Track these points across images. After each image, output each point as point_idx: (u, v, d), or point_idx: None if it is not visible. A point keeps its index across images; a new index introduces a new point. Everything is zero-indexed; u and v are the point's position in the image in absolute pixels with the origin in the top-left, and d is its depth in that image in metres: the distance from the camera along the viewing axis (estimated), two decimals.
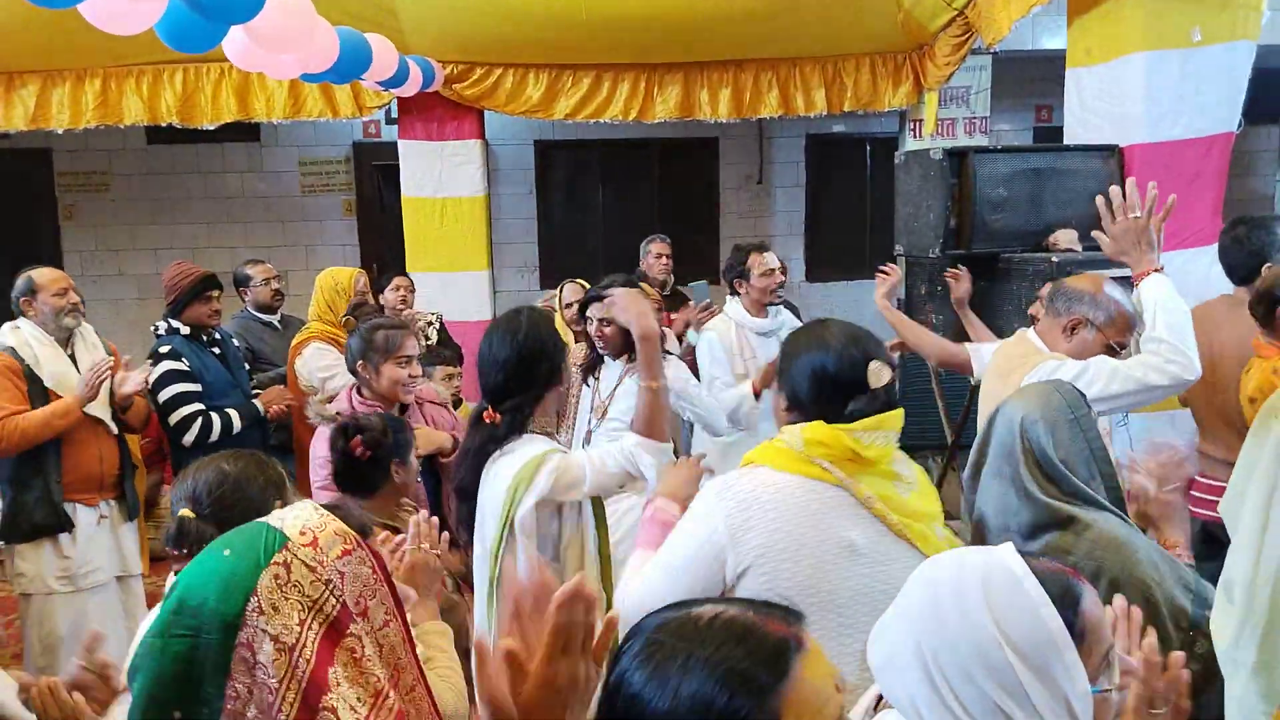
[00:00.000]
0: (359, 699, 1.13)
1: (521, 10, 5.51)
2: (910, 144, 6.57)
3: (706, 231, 8.96)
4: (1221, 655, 1.44)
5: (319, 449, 2.83)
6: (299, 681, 1.10)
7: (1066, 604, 1.09)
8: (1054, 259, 3.75)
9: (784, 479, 1.71)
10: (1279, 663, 1.36)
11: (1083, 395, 2.02)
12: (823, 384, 1.77)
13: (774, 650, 0.91)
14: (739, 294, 3.97)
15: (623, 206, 8.84)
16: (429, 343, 4.78)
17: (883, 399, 1.79)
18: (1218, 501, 1.75)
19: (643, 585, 1.75)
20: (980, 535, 1.91)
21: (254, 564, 1.12)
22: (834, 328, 1.86)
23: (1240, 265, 3.22)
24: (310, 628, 1.12)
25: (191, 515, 1.69)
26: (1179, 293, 2.75)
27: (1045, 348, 2.56)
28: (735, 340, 3.85)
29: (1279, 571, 1.35)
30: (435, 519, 2.01)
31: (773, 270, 3.89)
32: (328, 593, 1.14)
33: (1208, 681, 1.49)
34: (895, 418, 1.77)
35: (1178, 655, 1.24)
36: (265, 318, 4.60)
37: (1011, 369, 2.47)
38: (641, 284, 4.99)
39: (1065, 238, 4.00)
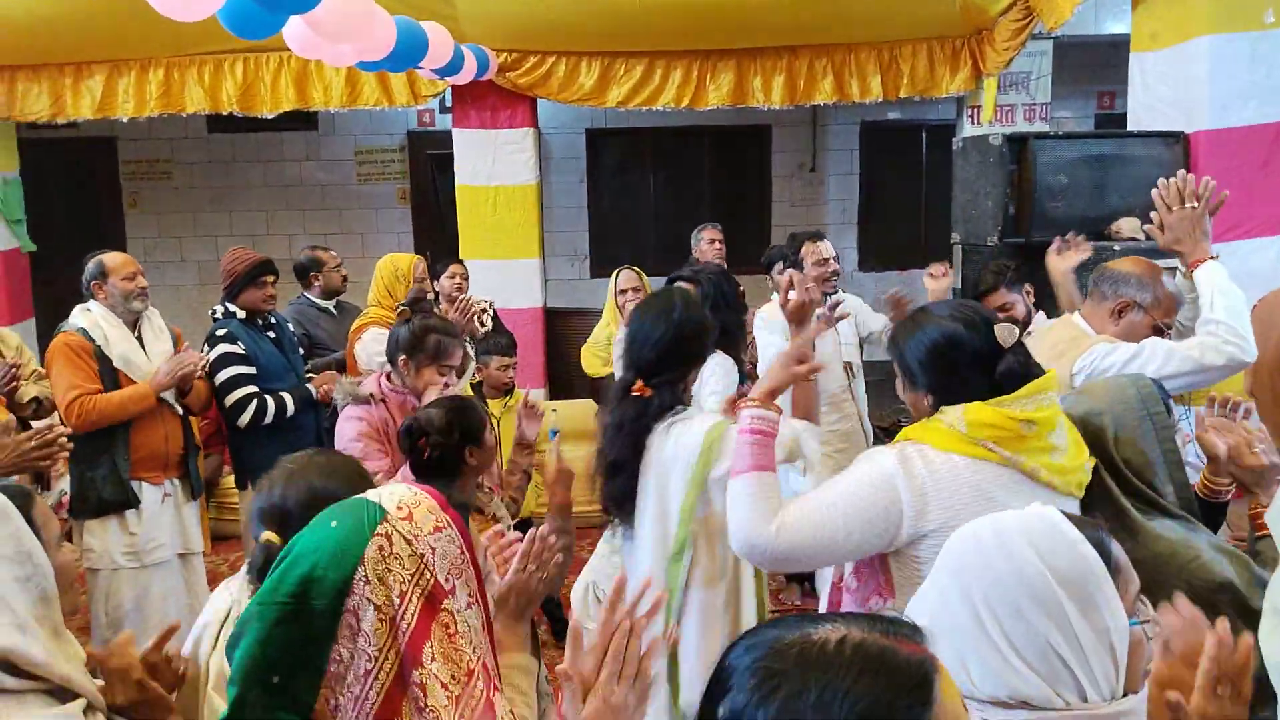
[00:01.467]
0: (452, 677, 1.15)
1: None
2: (968, 131, 6.46)
3: (758, 220, 8.91)
4: (1274, 668, 1.40)
5: (345, 430, 2.88)
6: (397, 651, 1.13)
7: (1097, 546, 1.14)
8: (1116, 247, 3.67)
9: (952, 459, 1.73)
10: None
11: (1163, 395, 1.95)
12: (960, 360, 1.77)
13: (916, 677, 0.82)
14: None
15: (674, 194, 8.82)
16: (485, 330, 4.81)
17: (1026, 356, 1.79)
18: None
19: (811, 527, 1.75)
20: None
21: (360, 535, 1.16)
22: (940, 307, 1.88)
23: None
24: (411, 599, 1.15)
25: (278, 540, 1.57)
26: (1248, 281, 2.70)
27: (1092, 331, 2.52)
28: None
29: None
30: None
31: (826, 260, 3.87)
32: (423, 566, 1.17)
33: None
34: (1051, 379, 1.77)
35: (1247, 639, 1.23)
36: (322, 303, 4.68)
37: (1061, 353, 2.42)
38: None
39: (1128, 226, 3.92)
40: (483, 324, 4.85)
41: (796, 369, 1.99)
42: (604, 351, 4.39)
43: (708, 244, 5.27)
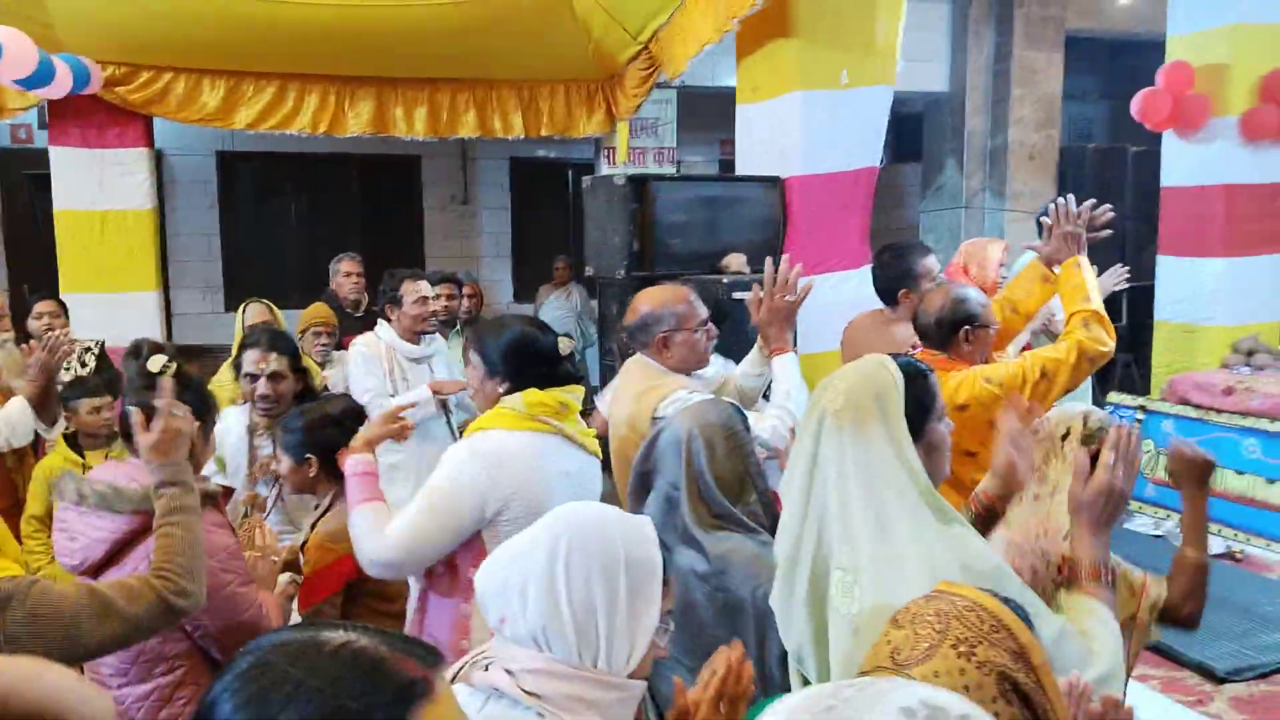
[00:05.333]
0: None
1: (194, 11, 5.13)
2: (605, 170, 6.80)
3: (410, 251, 8.77)
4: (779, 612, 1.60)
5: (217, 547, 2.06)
6: None
7: (665, 561, 1.36)
8: (724, 280, 4.00)
9: (517, 436, 2.14)
10: (820, 627, 1.53)
11: (740, 415, 2.13)
12: (532, 357, 2.24)
13: (396, 692, 0.82)
14: (390, 320, 3.84)
15: (319, 223, 8.47)
16: (83, 370, 4.30)
17: (574, 362, 2.32)
18: None
19: (409, 529, 2.06)
20: None
21: None
22: (521, 319, 2.38)
23: (885, 288, 3.53)
24: None
25: None
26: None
27: (667, 370, 2.63)
28: (385, 361, 3.72)
29: (818, 540, 1.53)
30: None
31: (426, 299, 3.76)
32: None
33: None
34: (580, 389, 2.31)
35: (749, 668, 1.39)
36: None
37: (644, 391, 2.51)
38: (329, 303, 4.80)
39: (736, 261, 4.29)
40: (83, 363, 4.35)
41: (391, 426, 2.36)
42: (230, 389, 4.06)
43: (344, 276, 5.07)
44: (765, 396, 2.80)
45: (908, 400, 1.57)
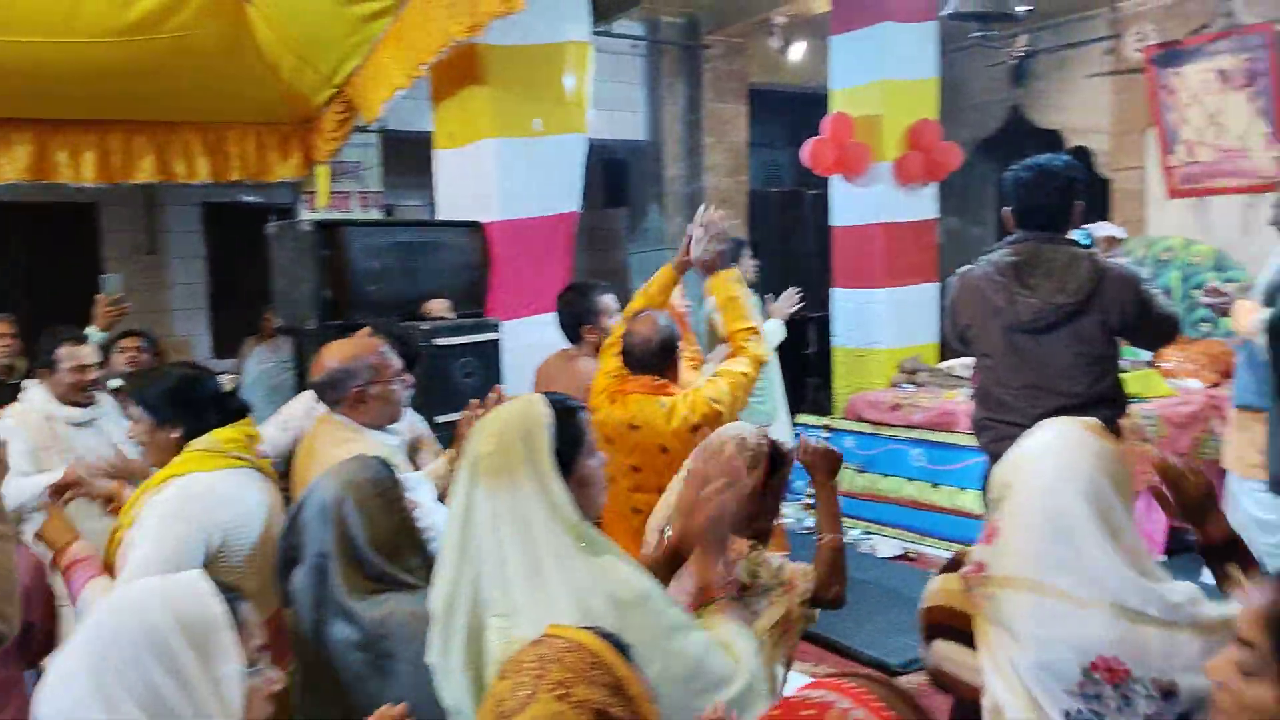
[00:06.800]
0: None
1: None
2: (306, 215, 6.54)
3: (88, 307, 7.92)
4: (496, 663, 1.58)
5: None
6: None
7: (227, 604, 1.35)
8: (424, 326, 3.94)
9: (215, 476, 2.17)
10: (478, 679, 1.52)
11: (390, 468, 2.01)
12: (203, 398, 2.29)
13: None
14: (43, 382, 3.43)
15: None
16: None
17: (239, 399, 2.40)
18: None
19: (144, 567, 1.96)
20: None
21: None
22: (175, 364, 2.49)
23: (567, 326, 3.62)
24: None
25: None
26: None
27: (360, 428, 2.54)
28: (44, 432, 3.32)
29: (475, 589, 1.53)
30: None
31: (85, 367, 3.38)
32: None
33: None
34: (250, 420, 2.39)
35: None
36: None
37: (337, 455, 2.41)
38: None
39: (438, 306, 4.24)
40: None
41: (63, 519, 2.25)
42: None
43: None
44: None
45: (559, 437, 1.58)
